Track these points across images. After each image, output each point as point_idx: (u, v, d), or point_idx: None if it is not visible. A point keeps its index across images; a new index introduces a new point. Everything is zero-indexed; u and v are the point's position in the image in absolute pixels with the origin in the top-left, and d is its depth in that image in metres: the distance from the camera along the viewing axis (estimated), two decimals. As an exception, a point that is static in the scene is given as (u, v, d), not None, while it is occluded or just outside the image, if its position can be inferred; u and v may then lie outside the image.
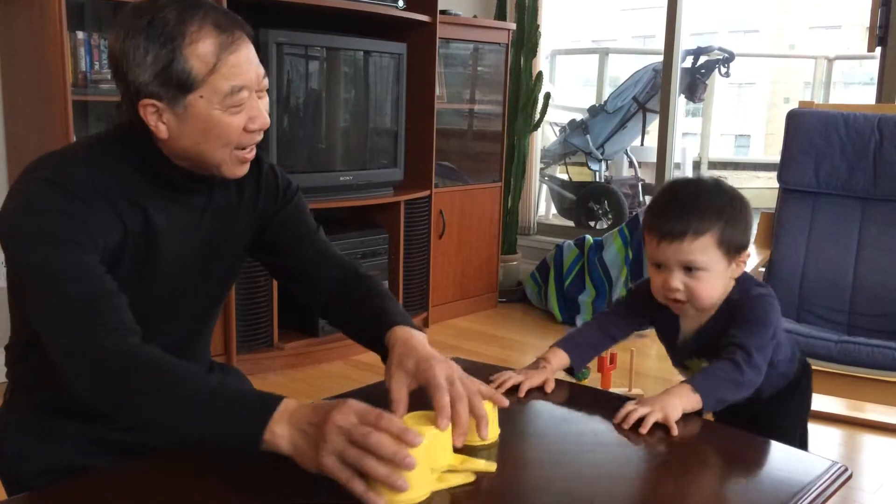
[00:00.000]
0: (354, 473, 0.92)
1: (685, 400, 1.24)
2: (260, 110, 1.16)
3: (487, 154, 4.14)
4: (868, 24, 3.31)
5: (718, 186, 1.44)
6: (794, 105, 2.73)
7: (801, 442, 1.63)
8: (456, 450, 1.04)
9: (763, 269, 2.61)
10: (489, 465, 1.03)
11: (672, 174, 4.27)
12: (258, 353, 3.09)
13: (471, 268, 4.04)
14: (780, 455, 1.14)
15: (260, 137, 1.19)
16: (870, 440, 2.65)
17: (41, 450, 1.22)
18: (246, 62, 1.12)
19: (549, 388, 1.36)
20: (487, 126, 4.14)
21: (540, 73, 4.30)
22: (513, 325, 3.97)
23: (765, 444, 1.20)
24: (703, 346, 1.46)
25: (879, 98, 3.38)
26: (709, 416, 1.33)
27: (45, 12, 2.51)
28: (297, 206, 1.37)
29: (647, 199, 3.99)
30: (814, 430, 2.68)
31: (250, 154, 1.19)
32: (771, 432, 1.29)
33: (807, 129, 2.60)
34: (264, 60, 2.94)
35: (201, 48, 1.09)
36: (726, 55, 5.01)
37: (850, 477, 1.09)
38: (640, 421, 1.18)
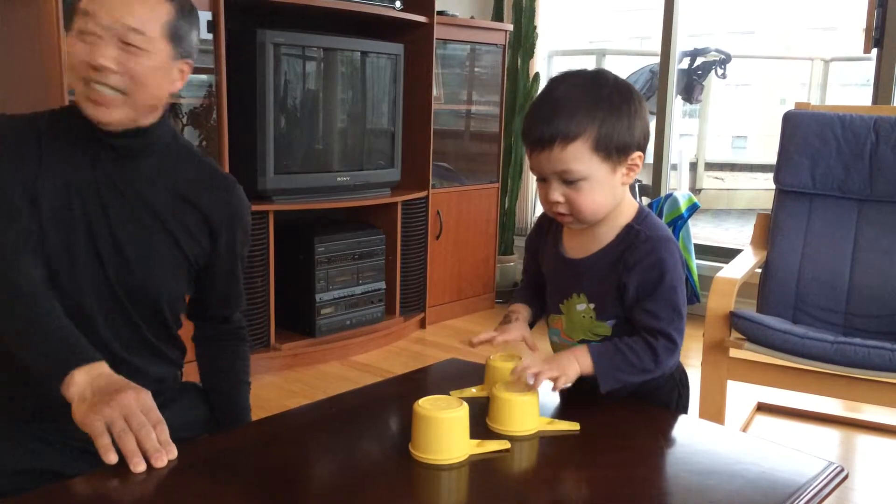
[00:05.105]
0: (111, 441, 1.03)
1: (582, 363, 1.21)
2: (103, 52, 1.19)
3: (484, 155, 4.14)
4: (864, 26, 3.32)
5: (596, 78, 1.23)
6: (791, 106, 2.72)
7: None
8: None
9: (759, 270, 2.62)
10: (572, 426, 1.16)
11: (669, 175, 4.28)
12: (255, 354, 3.08)
13: (468, 268, 4.04)
14: (776, 455, 1.14)
15: (105, 80, 1.20)
16: (866, 441, 2.65)
17: (17, 452, 1.22)
18: (109, 1, 1.19)
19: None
20: (484, 127, 4.14)
21: (537, 74, 4.31)
22: (510, 325, 3.95)
23: (761, 444, 1.20)
24: (594, 274, 1.29)
25: (875, 99, 3.39)
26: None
27: (41, 12, 2.50)
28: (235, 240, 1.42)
29: (644, 200, 3.98)
30: (810, 430, 2.71)
31: (96, 95, 1.21)
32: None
33: (803, 130, 2.61)
34: (261, 61, 2.95)
35: None
36: (723, 56, 5.01)
37: (846, 477, 1.09)
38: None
